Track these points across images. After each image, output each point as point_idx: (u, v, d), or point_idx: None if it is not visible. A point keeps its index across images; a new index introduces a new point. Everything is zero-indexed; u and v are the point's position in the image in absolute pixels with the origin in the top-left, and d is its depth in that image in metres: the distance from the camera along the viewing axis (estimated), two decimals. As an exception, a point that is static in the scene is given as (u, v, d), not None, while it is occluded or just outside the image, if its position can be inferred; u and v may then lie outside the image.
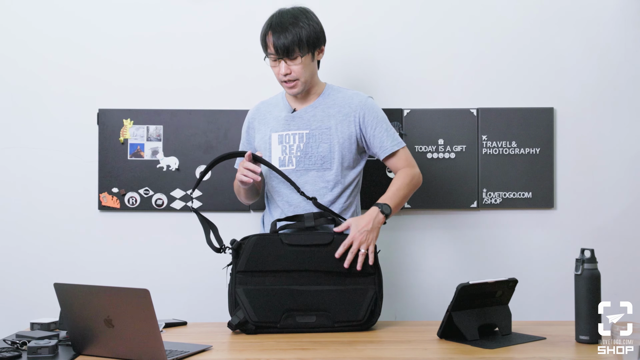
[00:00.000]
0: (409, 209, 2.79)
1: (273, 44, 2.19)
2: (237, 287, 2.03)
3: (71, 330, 1.74)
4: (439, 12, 2.80)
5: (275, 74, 2.26)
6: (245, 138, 2.42)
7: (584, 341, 1.80)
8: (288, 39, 2.17)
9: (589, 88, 2.81)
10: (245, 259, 2.04)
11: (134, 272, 2.76)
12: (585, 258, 1.81)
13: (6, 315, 2.72)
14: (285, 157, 2.26)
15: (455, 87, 2.81)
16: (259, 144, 2.34)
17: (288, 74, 2.21)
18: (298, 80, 2.23)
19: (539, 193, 2.78)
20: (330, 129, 2.26)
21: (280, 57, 2.20)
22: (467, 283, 1.82)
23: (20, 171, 2.78)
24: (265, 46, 2.23)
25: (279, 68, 2.22)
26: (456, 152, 2.78)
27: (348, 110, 2.28)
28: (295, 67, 2.21)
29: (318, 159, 2.25)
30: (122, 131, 2.77)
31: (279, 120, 2.31)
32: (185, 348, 1.73)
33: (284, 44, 2.17)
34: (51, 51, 2.79)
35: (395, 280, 2.78)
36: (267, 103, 2.40)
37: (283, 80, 2.24)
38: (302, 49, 2.19)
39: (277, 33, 2.18)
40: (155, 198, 2.76)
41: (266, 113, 2.37)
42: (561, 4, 2.81)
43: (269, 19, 2.24)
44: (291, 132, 2.27)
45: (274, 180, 2.28)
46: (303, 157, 2.25)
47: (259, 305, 1.99)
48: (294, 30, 2.18)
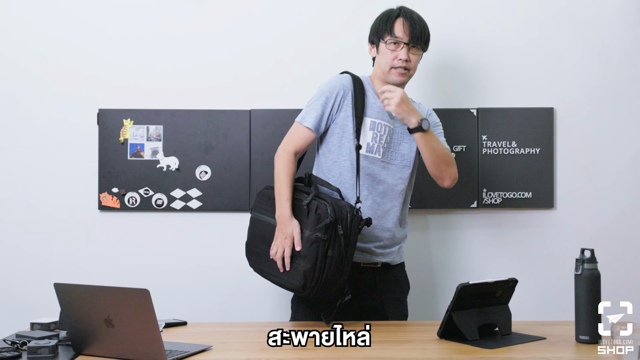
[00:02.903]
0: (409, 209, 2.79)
1: (405, 28, 2.24)
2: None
3: (71, 330, 1.74)
4: (439, 12, 2.80)
5: (386, 59, 2.26)
6: (322, 108, 2.24)
7: (584, 341, 1.80)
8: (421, 29, 2.27)
9: (589, 88, 2.81)
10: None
11: (134, 272, 2.76)
12: (585, 258, 1.81)
13: (6, 315, 2.72)
14: (374, 144, 2.26)
15: (455, 87, 2.82)
16: (342, 121, 2.26)
17: (408, 60, 2.25)
18: (409, 71, 2.28)
19: (539, 193, 2.78)
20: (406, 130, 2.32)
21: (406, 44, 2.24)
22: (467, 283, 1.82)
23: (20, 171, 2.78)
24: (390, 30, 2.25)
25: (398, 53, 2.25)
26: (456, 152, 2.78)
27: (422, 114, 2.30)
28: (413, 57, 2.27)
29: (399, 155, 2.30)
30: (122, 131, 2.77)
31: (373, 107, 2.29)
32: (185, 348, 1.73)
33: (418, 32, 2.25)
34: (51, 51, 2.79)
35: (395, 280, 2.78)
36: (356, 83, 2.29)
37: (399, 66, 2.25)
38: (425, 44, 2.30)
39: (411, 21, 2.25)
40: (155, 198, 2.76)
41: (361, 94, 2.29)
42: (561, 4, 2.81)
43: (388, 10, 2.30)
44: (383, 122, 2.28)
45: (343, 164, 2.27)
46: (387, 150, 2.28)
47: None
48: (423, 24, 2.29)
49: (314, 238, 2.04)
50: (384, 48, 2.27)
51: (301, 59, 2.78)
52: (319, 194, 2.12)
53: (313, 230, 2.05)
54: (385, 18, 2.28)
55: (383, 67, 2.28)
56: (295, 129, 2.26)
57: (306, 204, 2.09)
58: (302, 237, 2.07)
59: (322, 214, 2.05)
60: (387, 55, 2.26)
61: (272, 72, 2.79)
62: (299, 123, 2.26)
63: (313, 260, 2.03)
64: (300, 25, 2.79)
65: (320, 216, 2.05)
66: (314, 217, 2.06)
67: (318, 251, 2.03)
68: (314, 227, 2.05)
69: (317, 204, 2.07)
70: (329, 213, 2.04)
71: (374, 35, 2.32)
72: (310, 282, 2.04)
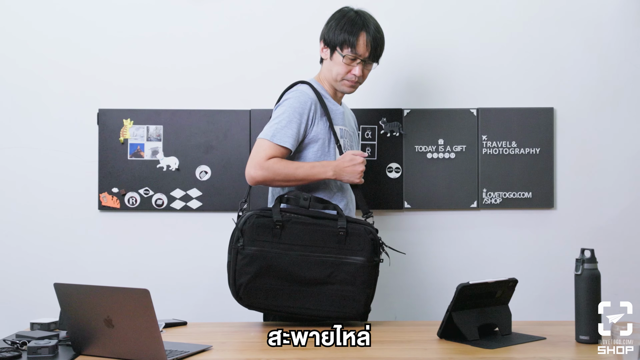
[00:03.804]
0: (409, 209, 2.79)
1: (368, 46, 2.18)
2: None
3: (71, 330, 1.74)
4: (439, 12, 2.80)
5: (339, 71, 2.21)
6: (297, 127, 2.14)
7: (584, 341, 1.80)
8: (381, 45, 2.21)
9: (589, 88, 2.81)
10: None
11: (134, 272, 2.76)
12: (585, 258, 1.81)
13: (6, 315, 2.72)
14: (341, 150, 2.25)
15: (455, 87, 2.82)
16: (318, 134, 2.19)
17: (360, 76, 2.22)
18: (359, 83, 2.25)
19: (539, 193, 2.78)
20: (354, 130, 2.38)
21: (363, 60, 2.19)
22: (467, 283, 1.82)
23: (20, 171, 2.78)
24: (351, 45, 2.17)
25: (352, 68, 2.20)
26: (456, 152, 2.78)
27: (351, 115, 2.41)
28: (366, 72, 2.24)
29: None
30: (122, 131, 2.77)
31: (337, 114, 2.26)
32: (185, 348, 1.73)
33: (379, 49, 2.20)
34: (51, 51, 2.79)
35: (395, 280, 2.78)
36: (317, 93, 2.22)
37: (351, 80, 2.22)
38: (379, 57, 2.25)
39: (374, 37, 2.19)
40: (155, 198, 2.76)
41: (324, 104, 2.23)
42: (561, 4, 2.81)
43: (351, 17, 2.20)
44: (344, 128, 2.28)
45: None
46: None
47: None
48: (383, 39, 2.23)
49: (374, 264, 2.01)
50: (339, 59, 2.20)
51: (301, 60, 2.78)
52: (346, 217, 2.05)
53: (370, 255, 2.01)
54: (348, 28, 2.18)
55: (334, 75, 2.23)
56: (268, 147, 2.09)
57: (343, 230, 2.01)
58: (356, 267, 2.01)
59: (375, 237, 2.02)
60: (342, 67, 2.20)
61: (272, 72, 2.79)
62: (270, 141, 2.09)
63: (373, 286, 2.02)
64: (301, 26, 2.79)
65: (373, 240, 2.01)
66: (369, 241, 2.01)
67: (376, 275, 2.03)
68: (370, 252, 2.01)
69: (360, 228, 2.02)
70: (373, 233, 2.02)
71: (331, 40, 2.21)
72: (369, 308, 2.05)
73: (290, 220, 2.01)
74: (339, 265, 1.99)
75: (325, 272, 1.99)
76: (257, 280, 2.00)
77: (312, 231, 2.00)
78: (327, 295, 1.99)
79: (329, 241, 2.00)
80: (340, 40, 2.18)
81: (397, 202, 2.77)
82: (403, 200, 2.77)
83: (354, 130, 2.40)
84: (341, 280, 1.99)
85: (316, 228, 2.01)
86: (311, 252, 2.00)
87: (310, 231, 2.00)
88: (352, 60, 2.19)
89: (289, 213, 2.02)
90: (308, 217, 2.03)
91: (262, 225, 2.00)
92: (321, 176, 2.12)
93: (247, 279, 1.99)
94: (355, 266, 1.99)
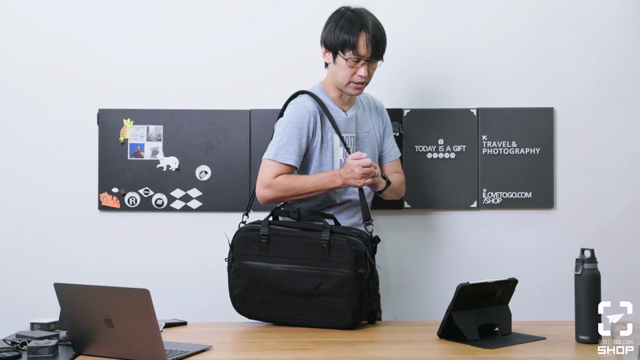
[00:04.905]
0: (409, 209, 2.79)
1: (369, 46, 2.15)
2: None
3: (71, 330, 1.74)
4: (439, 12, 2.80)
5: (345, 74, 2.18)
6: (298, 143, 2.17)
7: (584, 341, 1.80)
8: (383, 42, 2.18)
9: (589, 88, 2.81)
10: None
11: (134, 272, 2.76)
12: (585, 258, 1.81)
13: (6, 315, 2.72)
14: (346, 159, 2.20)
15: (455, 87, 2.81)
16: (320, 144, 2.21)
17: (367, 76, 2.19)
18: (366, 84, 2.22)
19: (539, 193, 2.78)
20: (369, 132, 2.33)
21: (367, 60, 2.17)
22: (467, 283, 1.82)
23: (20, 171, 2.78)
24: (352, 47, 2.15)
25: (357, 69, 2.17)
26: (456, 152, 2.78)
27: (375, 111, 2.37)
28: (372, 70, 2.21)
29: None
30: (122, 131, 2.77)
31: (341, 122, 2.24)
32: (185, 348, 1.73)
33: (381, 47, 2.17)
34: (51, 51, 2.79)
35: (395, 280, 2.78)
36: (318, 102, 2.22)
37: (357, 81, 2.19)
38: (383, 54, 2.22)
39: (374, 36, 2.15)
40: (155, 198, 2.76)
41: (324, 114, 2.23)
42: (561, 4, 2.81)
43: (349, 17, 2.17)
44: (350, 135, 2.26)
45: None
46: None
47: None
48: (384, 36, 2.19)
49: (358, 275, 1.97)
50: (342, 62, 2.18)
51: (301, 60, 2.78)
52: (332, 227, 2.03)
53: (354, 267, 1.97)
54: (347, 29, 2.15)
55: (340, 80, 2.20)
56: (272, 166, 2.14)
57: (326, 242, 1.98)
58: (341, 279, 1.98)
59: (359, 249, 1.98)
60: (346, 71, 2.18)
61: (272, 72, 2.79)
62: (274, 161, 2.14)
63: (359, 297, 1.98)
64: (301, 26, 2.79)
65: (356, 252, 1.97)
66: (351, 253, 1.97)
67: (362, 287, 1.98)
68: (354, 264, 1.97)
69: (343, 240, 1.98)
70: (358, 244, 1.98)
71: (331, 44, 2.19)
72: (359, 319, 2.01)
73: (277, 233, 2.05)
74: (325, 277, 2.00)
75: (313, 283, 2.01)
76: (247, 293, 2.08)
77: (298, 244, 2.03)
78: (316, 307, 2.01)
79: (314, 253, 2.01)
80: (340, 43, 2.17)
81: (397, 202, 2.76)
82: (403, 200, 2.77)
83: (371, 128, 2.34)
84: (328, 292, 2.00)
85: (302, 240, 2.03)
86: (298, 264, 2.02)
87: (296, 244, 2.03)
88: (356, 62, 2.17)
89: (276, 226, 2.06)
90: (296, 229, 2.05)
91: (249, 239, 2.07)
92: (330, 186, 2.14)
93: (238, 292, 2.09)
94: (340, 278, 1.99)
